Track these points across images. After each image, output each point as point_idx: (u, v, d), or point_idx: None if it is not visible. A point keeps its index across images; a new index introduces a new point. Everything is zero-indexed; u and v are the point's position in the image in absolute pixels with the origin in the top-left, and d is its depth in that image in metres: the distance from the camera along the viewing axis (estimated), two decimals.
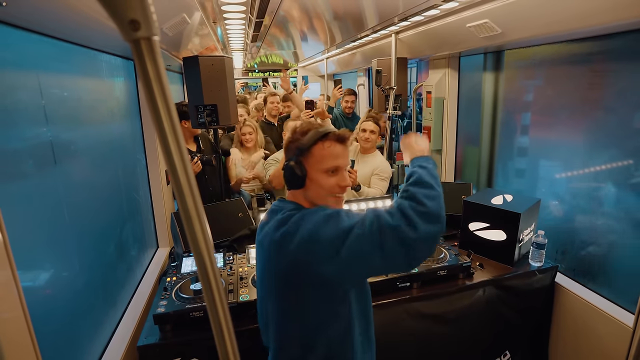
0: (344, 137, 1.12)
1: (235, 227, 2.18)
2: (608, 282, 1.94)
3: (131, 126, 2.27)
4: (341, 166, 1.11)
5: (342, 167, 1.12)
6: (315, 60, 5.76)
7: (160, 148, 0.38)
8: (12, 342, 0.81)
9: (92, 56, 1.79)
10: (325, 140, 1.10)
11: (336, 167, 1.10)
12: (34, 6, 1.04)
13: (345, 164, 1.13)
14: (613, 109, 1.91)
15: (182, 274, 1.80)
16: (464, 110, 3.06)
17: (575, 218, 2.15)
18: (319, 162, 1.09)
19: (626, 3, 1.39)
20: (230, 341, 0.44)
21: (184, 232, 0.60)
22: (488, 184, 2.92)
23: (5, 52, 1.14)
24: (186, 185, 0.39)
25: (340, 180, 1.11)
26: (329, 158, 1.09)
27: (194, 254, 0.42)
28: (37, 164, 1.27)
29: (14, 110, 1.17)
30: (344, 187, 1.12)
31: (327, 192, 1.11)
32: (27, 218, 1.16)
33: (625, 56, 1.82)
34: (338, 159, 1.10)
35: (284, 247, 1.03)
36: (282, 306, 1.10)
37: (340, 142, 1.12)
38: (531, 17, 1.76)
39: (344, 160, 1.12)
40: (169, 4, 1.71)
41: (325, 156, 1.09)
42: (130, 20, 0.34)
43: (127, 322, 1.77)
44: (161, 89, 0.36)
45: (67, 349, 1.33)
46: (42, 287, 1.22)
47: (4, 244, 0.80)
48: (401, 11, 2.12)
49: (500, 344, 2.04)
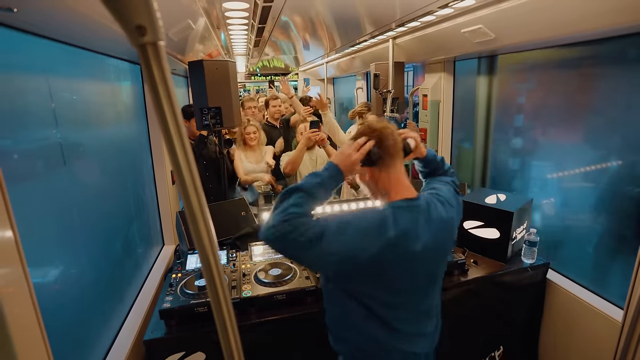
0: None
1: (238, 226, 2.18)
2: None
3: (138, 128, 2.27)
4: None
5: None
6: (315, 64, 5.76)
7: (166, 149, 0.38)
8: (23, 337, 0.81)
9: (100, 60, 1.79)
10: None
11: None
12: (44, 12, 1.04)
13: None
14: (601, 111, 1.91)
15: (187, 270, 1.80)
16: (459, 113, 3.06)
17: (564, 215, 2.15)
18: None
19: (615, 10, 1.39)
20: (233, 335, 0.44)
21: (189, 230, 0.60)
22: (482, 184, 2.92)
23: (17, 57, 1.15)
24: (191, 185, 0.39)
25: None
26: None
27: (198, 252, 0.42)
28: (47, 165, 1.27)
29: (25, 112, 1.17)
30: None
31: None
32: (38, 217, 1.16)
33: (613, 61, 1.82)
34: None
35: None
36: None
37: None
38: (523, 23, 1.76)
39: None
40: (174, 10, 1.71)
41: None
42: (137, 26, 0.34)
43: (134, 317, 1.77)
44: (167, 92, 0.36)
45: (76, 343, 1.33)
46: (52, 283, 1.22)
47: (15, 241, 0.80)
48: (398, 17, 2.12)
49: (494, 339, 2.04)
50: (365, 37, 2.82)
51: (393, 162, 1.15)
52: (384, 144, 1.14)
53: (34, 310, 0.85)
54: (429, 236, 1.10)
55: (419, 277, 1.14)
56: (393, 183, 1.16)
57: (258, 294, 1.60)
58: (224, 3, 1.85)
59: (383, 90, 2.93)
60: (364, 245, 1.02)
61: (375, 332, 1.13)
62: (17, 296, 0.81)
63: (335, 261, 1.03)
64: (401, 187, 1.16)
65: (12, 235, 0.79)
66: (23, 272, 0.82)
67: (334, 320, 1.23)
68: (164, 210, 2.52)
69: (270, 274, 1.74)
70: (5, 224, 0.78)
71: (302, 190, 1.07)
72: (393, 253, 1.05)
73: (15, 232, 0.80)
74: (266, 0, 1.83)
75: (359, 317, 1.12)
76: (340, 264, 1.04)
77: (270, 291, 1.61)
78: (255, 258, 1.90)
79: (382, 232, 1.04)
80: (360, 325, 1.13)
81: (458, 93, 3.03)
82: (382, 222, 1.05)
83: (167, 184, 2.50)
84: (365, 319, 1.12)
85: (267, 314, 1.59)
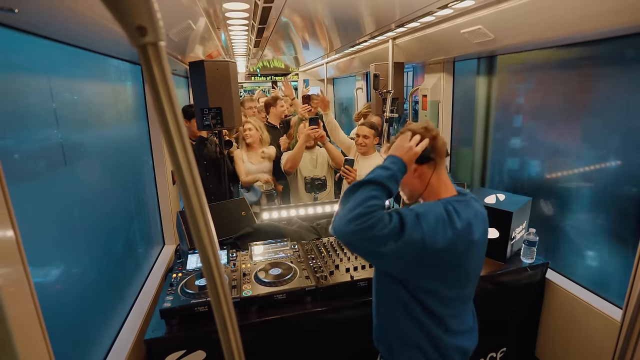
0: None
1: (238, 225, 2.18)
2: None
3: (138, 128, 2.27)
4: None
5: None
6: (315, 64, 5.76)
7: (167, 149, 0.38)
8: (24, 336, 0.81)
9: (101, 61, 1.79)
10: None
11: None
12: (45, 13, 1.04)
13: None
14: (600, 112, 1.91)
15: (187, 270, 1.80)
16: (458, 113, 3.06)
17: (562, 214, 2.15)
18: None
19: (613, 11, 1.39)
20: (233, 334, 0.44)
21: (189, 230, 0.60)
22: (482, 184, 2.92)
23: (18, 57, 1.14)
24: (191, 185, 0.39)
25: None
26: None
27: (199, 251, 0.42)
28: (48, 165, 1.27)
29: (26, 113, 1.17)
30: None
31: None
32: (39, 216, 1.16)
33: (612, 61, 1.82)
34: None
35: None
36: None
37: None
38: (523, 24, 1.76)
39: None
40: (174, 11, 1.71)
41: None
42: (137, 27, 0.34)
43: (134, 317, 1.77)
44: (167, 92, 0.36)
45: (77, 342, 1.33)
46: (53, 282, 1.22)
47: (16, 241, 0.80)
48: (398, 18, 2.12)
49: (494, 339, 2.04)
50: (365, 37, 2.82)
51: (442, 162, 1.22)
52: (437, 145, 1.19)
53: (35, 309, 0.85)
54: (479, 227, 1.17)
55: (476, 266, 1.23)
56: (443, 182, 1.22)
57: (258, 293, 1.60)
58: (224, 4, 1.85)
59: (383, 90, 2.93)
60: (442, 233, 1.06)
61: (429, 328, 1.18)
62: (19, 295, 0.81)
63: (414, 253, 1.05)
64: (449, 187, 1.22)
65: (13, 234, 0.79)
66: (24, 272, 0.82)
67: (384, 316, 1.26)
68: (164, 210, 2.52)
69: (271, 273, 1.74)
70: (6, 224, 0.78)
71: (377, 182, 1.07)
72: (461, 242, 1.11)
73: (16, 231, 0.80)
74: (266, 1, 1.83)
75: (415, 313, 1.16)
76: (418, 254, 1.05)
77: (271, 291, 1.61)
78: (256, 258, 1.90)
79: (452, 223, 1.09)
80: (417, 321, 1.17)
81: (457, 93, 3.02)
82: (449, 214, 1.10)
83: (168, 184, 2.50)
84: (421, 315, 1.17)
85: (267, 313, 1.59)
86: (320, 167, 2.89)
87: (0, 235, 0.77)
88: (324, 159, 2.90)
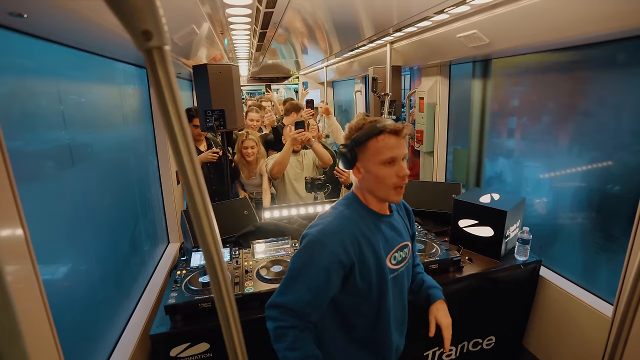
0: (398, 129, 1.08)
1: (241, 224, 2.18)
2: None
3: (144, 130, 2.27)
4: (397, 157, 1.08)
5: (398, 157, 1.08)
6: (315, 68, 5.76)
7: (171, 150, 0.38)
8: (33, 332, 0.81)
9: (107, 64, 1.79)
10: (379, 134, 1.07)
11: (392, 158, 1.07)
12: (53, 18, 1.04)
13: (402, 154, 1.09)
14: (592, 114, 1.91)
15: (191, 267, 1.80)
16: (454, 115, 3.06)
17: (555, 214, 2.15)
18: (375, 154, 1.07)
19: (604, 17, 1.39)
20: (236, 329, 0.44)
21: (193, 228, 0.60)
22: (477, 184, 2.92)
23: (27, 61, 1.15)
24: (195, 185, 0.39)
25: (399, 171, 1.08)
26: (384, 150, 1.07)
27: (202, 249, 0.42)
28: (56, 165, 1.27)
29: (35, 115, 1.17)
30: (402, 176, 1.09)
31: (387, 184, 1.09)
32: (47, 215, 1.16)
33: (604, 65, 1.82)
34: (393, 150, 1.07)
35: None
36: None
37: (395, 134, 1.08)
38: (517, 29, 1.76)
39: (399, 150, 1.08)
40: (179, 16, 1.71)
41: (380, 148, 1.07)
42: (143, 31, 0.34)
43: (140, 313, 1.77)
44: (172, 95, 0.36)
45: (84, 337, 1.33)
46: (61, 279, 1.22)
47: (25, 239, 0.80)
48: (395, 22, 2.12)
49: (483, 328, 2.03)
50: (364, 41, 2.82)
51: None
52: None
53: (44, 306, 0.85)
54: None
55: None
56: None
57: (260, 290, 1.60)
58: (227, 9, 1.85)
59: (381, 93, 2.94)
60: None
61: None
62: (28, 292, 0.81)
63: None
64: None
65: (23, 233, 0.79)
66: (33, 269, 0.82)
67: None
68: (169, 209, 2.52)
69: (272, 270, 1.74)
70: (15, 222, 0.78)
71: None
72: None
73: (25, 230, 0.80)
74: (267, 7, 1.83)
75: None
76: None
77: (272, 287, 1.61)
78: (258, 255, 1.90)
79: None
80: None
81: (453, 96, 3.02)
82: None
83: (172, 184, 2.50)
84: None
85: None
86: (307, 168, 2.84)
87: (10, 234, 0.77)
88: (310, 161, 2.84)
